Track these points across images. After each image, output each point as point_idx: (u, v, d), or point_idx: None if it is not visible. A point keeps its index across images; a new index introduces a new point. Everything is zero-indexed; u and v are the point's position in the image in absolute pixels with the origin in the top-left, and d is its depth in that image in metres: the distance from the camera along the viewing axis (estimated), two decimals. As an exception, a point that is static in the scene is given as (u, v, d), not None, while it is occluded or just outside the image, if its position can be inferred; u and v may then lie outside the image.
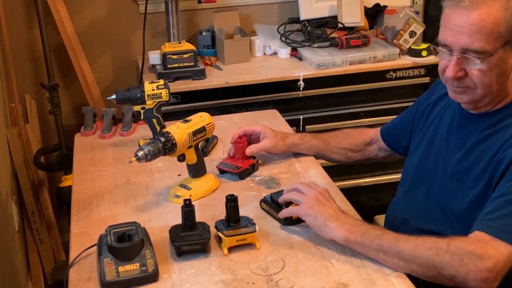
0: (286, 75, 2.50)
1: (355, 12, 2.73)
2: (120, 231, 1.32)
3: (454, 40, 1.34)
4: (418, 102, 1.69)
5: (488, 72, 1.33)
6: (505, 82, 1.38)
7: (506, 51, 1.32)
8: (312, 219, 1.37)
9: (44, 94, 2.68)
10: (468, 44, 1.32)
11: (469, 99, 1.41)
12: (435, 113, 1.58)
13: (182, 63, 2.44)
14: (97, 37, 2.77)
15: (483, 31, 1.30)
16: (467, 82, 1.37)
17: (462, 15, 1.32)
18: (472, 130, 1.43)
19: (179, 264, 1.33)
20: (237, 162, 1.71)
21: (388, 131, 1.79)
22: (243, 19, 2.80)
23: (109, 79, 2.84)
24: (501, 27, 1.30)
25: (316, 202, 1.38)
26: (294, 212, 1.42)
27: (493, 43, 1.31)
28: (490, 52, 1.31)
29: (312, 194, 1.41)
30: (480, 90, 1.37)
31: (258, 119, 2.13)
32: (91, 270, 1.32)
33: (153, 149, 1.46)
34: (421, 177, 1.56)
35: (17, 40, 2.67)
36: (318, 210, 1.37)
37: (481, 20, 1.30)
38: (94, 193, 1.64)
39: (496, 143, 1.36)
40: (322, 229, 1.36)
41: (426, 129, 1.59)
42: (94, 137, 2.02)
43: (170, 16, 2.60)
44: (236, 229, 1.37)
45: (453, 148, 1.47)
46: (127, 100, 1.77)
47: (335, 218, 1.35)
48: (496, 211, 1.25)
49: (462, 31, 1.32)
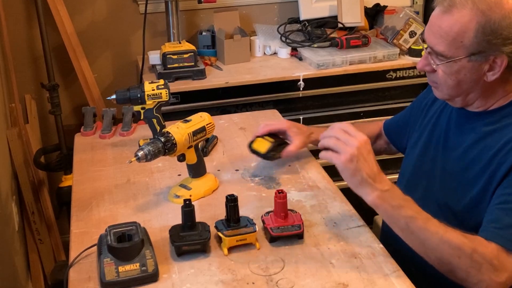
0: (286, 75, 2.50)
1: (355, 12, 2.73)
2: (120, 231, 1.32)
3: (427, 36, 1.37)
4: (418, 100, 1.70)
5: (450, 76, 1.35)
6: (487, 88, 1.36)
7: (471, 62, 1.31)
8: (349, 175, 1.30)
9: (44, 94, 2.68)
10: (433, 44, 1.35)
11: (440, 95, 1.43)
12: (433, 111, 1.58)
13: (182, 63, 2.44)
14: (97, 37, 2.77)
15: (446, 37, 1.31)
16: (434, 78, 1.40)
17: (437, 15, 1.34)
18: (470, 128, 1.43)
19: (179, 264, 1.33)
20: (287, 220, 1.41)
21: (390, 127, 1.80)
22: (243, 19, 2.80)
23: (109, 79, 2.84)
24: (466, 39, 1.29)
25: (356, 156, 1.29)
26: (331, 159, 1.32)
27: (454, 51, 1.31)
28: (450, 58, 1.32)
29: (353, 146, 1.30)
30: (444, 89, 1.39)
31: (258, 119, 2.12)
32: (91, 270, 1.32)
33: (153, 149, 1.46)
34: (419, 175, 1.56)
35: (17, 40, 2.67)
36: (356, 167, 1.29)
37: (447, 25, 1.30)
38: (94, 193, 1.64)
39: (495, 142, 1.35)
40: (356, 187, 1.31)
41: (424, 127, 1.59)
42: (94, 137, 2.02)
43: (170, 16, 2.60)
44: (236, 229, 1.37)
45: (451, 146, 1.47)
46: (127, 100, 1.77)
47: (372, 179, 1.29)
48: (503, 220, 1.25)
49: (432, 31, 1.35)
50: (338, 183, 1.63)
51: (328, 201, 1.57)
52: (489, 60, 1.31)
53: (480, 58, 1.30)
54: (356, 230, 1.45)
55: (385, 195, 1.29)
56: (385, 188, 1.29)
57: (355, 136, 1.32)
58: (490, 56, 1.30)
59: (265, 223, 1.41)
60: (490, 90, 1.37)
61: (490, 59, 1.30)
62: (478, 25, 1.27)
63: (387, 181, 1.32)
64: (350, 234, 1.43)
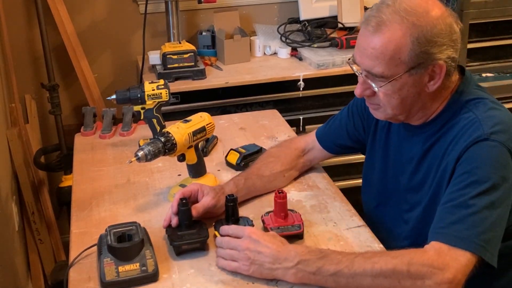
0: (286, 75, 2.50)
1: (355, 12, 2.73)
2: (120, 231, 1.32)
3: (360, 60, 1.33)
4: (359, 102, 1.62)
5: (392, 95, 1.32)
6: (428, 98, 1.35)
7: (412, 76, 1.29)
8: (259, 274, 1.26)
9: (44, 94, 2.68)
10: (370, 67, 1.31)
11: (382, 116, 1.41)
12: (381, 125, 1.55)
13: (182, 63, 2.44)
14: (97, 37, 2.77)
15: (383, 57, 1.28)
16: (376, 101, 1.37)
17: (367, 37, 1.30)
18: (417, 141, 1.43)
19: (179, 264, 1.33)
20: (287, 220, 1.41)
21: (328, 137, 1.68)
22: (243, 19, 2.80)
23: (109, 79, 2.84)
24: (403, 54, 1.27)
25: (251, 256, 1.26)
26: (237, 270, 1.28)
27: (393, 69, 1.28)
28: (391, 78, 1.29)
29: (242, 249, 1.27)
30: (388, 109, 1.36)
31: (258, 119, 2.13)
32: (91, 270, 1.32)
33: (153, 149, 1.46)
34: (387, 195, 1.54)
35: (17, 40, 2.67)
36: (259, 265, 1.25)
37: (381, 45, 1.27)
38: (94, 193, 1.64)
39: (439, 151, 1.36)
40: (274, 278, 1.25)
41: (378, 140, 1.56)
42: (94, 137, 2.02)
43: (170, 16, 2.60)
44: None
45: (405, 161, 1.47)
46: (127, 100, 1.77)
47: (278, 263, 1.24)
48: (446, 218, 1.23)
49: (366, 54, 1.31)
50: (338, 183, 1.63)
51: (328, 201, 1.57)
52: (428, 70, 1.29)
53: (420, 71, 1.29)
54: (356, 230, 1.45)
55: (299, 268, 1.23)
56: (295, 262, 1.23)
57: (241, 234, 1.30)
58: (429, 66, 1.29)
59: (265, 223, 1.41)
60: (431, 100, 1.36)
61: (429, 69, 1.29)
62: (412, 37, 1.26)
63: (291, 252, 1.25)
64: (350, 234, 1.43)
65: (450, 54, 1.29)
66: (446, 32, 1.27)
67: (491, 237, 1.21)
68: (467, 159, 1.27)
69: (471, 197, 1.22)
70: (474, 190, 1.23)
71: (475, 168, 1.25)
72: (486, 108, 1.33)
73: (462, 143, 1.29)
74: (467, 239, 1.19)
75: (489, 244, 1.20)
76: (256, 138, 1.95)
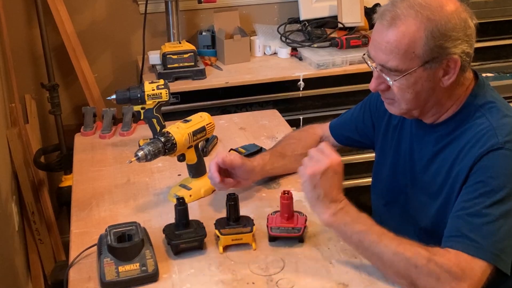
0: (286, 75, 2.50)
1: (355, 12, 2.73)
2: (120, 231, 1.32)
3: (375, 54, 1.34)
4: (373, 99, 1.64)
5: (407, 89, 1.32)
6: (443, 93, 1.35)
7: (427, 70, 1.29)
8: (308, 189, 1.32)
9: (44, 94, 2.68)
10: (384, 61, 1.31)
11: (396, 111, 1.41)
12: (396, 119, 1.55)
13: (182, 63, 2.44)
14: (97, 37, 2.77)
15: (398, 51, 1.28)
16: (390, 95, 1.37)
17: (381, 31, 1.30)
18: (428, 141, 1.42)
19: (179, 264, 1.33)
20: (290, 221, 1.40)
21: (339, 129, 1.74)
22: (243, 19, 2.80)
23: (109, 79, 2.84)
24: (418, 48, 1.27)
25: (320, 173, 1.30)
26: (299, 171, 1.34)
27: (408, 63, 1.28)
28: (405, 72, 1.29)
29: (322, 163, 1.31)
30: (403, 104, 1.36)
31: (258, 119, 2.13)
32: (91, 270, 1.32)
33: (153, 149, 1.46)
34: (395, 192, 1.54)
35: (17, 40, 2.67)
36: (316, 183, 1.30)
37: (396, 39, 1.27)
38: (94, 193, 1.65)
39: (451, 154, 1.35)
40: (311, 204, 1.33)
41: (390, 139, 1.56)
42: (94, 137, 2.02)
43: (170, 16, 2.60)
44: (233, 228, 1.38)
45: (416, 159, 1.46)
46: (127, 100, 1.77)
47: (328, 199, 1.30)
48: (462, 227, 1.23)
49: (380, 48, 1.31)
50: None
51: (328, 201, 1.57)
52: (442, 65, 1.29)
53: (434, 65, 1.29)
54: (356, 230, 1.44)
55: (338, 213, 1.30)
56: (339, 207, 1.30)
57: (328, 155, 1.33)
58: (443, 61, 1.29)
59: (268, 221, 1.41)
60: (445, 96, 1.36)
61: (444, 63, 1.29)
62: (426, 31, 1.26)
63: (343, 201, 1.32)
64: (350, 234, 1.43)
65: (464, 49, 1.29)
66: (460, 26, 1.27)
67: (506, 246, 1.21)
68: (481, 168, 1.27)
69: (486, 206, 1.23)
70: (488, 199, 1.23)
71: (490, 178, 1.25)
72: (500, 115, 1.33)
73: (476, 151, 1.29)
74: (483, 248, 1.20)
75: (504, 253, 1.21)
76: (256, 138, 1.95)
